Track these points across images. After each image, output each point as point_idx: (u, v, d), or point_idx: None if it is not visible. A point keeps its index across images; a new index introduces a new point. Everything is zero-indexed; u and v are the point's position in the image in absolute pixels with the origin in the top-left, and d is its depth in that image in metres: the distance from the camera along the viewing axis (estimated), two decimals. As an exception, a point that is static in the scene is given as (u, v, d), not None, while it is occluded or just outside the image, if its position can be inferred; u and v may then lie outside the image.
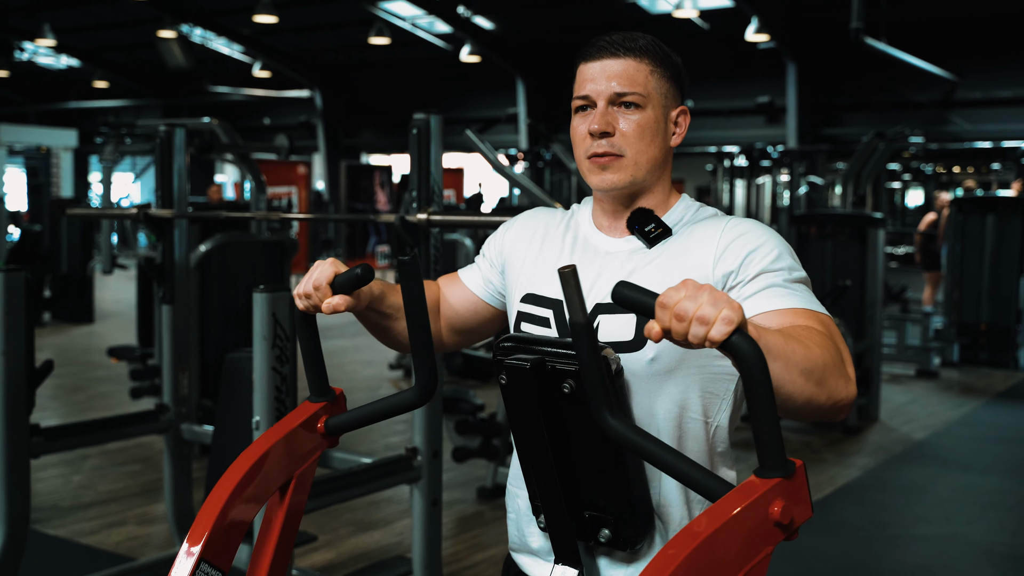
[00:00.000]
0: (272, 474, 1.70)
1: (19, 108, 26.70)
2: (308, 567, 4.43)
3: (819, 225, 8.42)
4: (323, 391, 1.78)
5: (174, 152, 4.20)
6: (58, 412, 7.58)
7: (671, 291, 1.24)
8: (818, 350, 1.38)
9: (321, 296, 1.64)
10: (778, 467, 1.28)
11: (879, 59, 14.24)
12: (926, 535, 5.16)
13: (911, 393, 8.88)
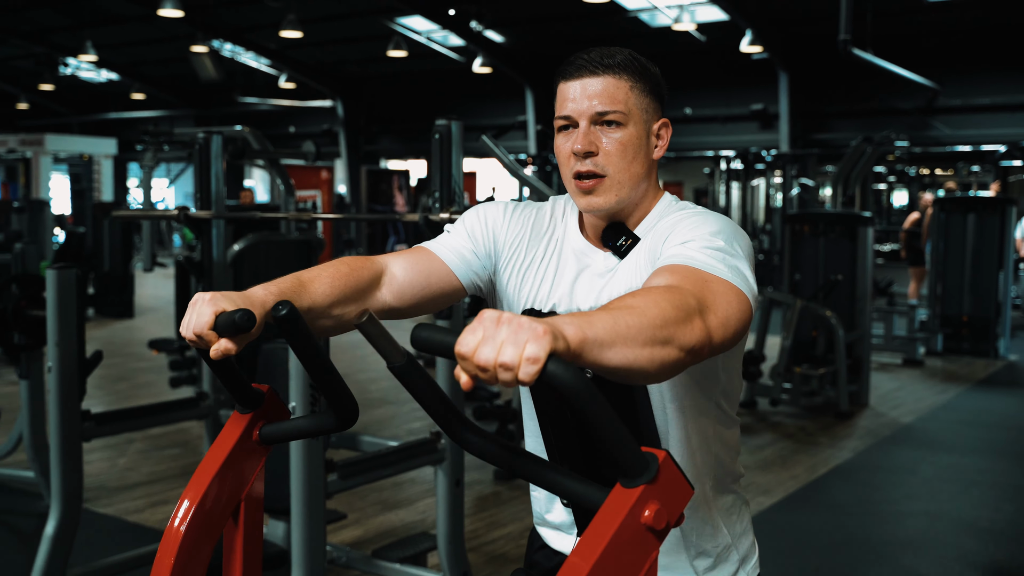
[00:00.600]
0: (221, 508, 1.54)
1: (63, 119, 26.75)
2: (339, 543, 4.43)
3: (812, 224, 8.40)
4: (249, 400, 1.58)
5: (211, 157, 4.22)
6: (103, 400, 7.59)
7: (467, 335, 1.08)
8: (655, 308, 1.22)
9: (207, 342, 1.40)
10: (639, 473, 1.16)
11: (865, 69, 14.20)
12: (913, 511, 5.15)
13: (898, 380, 8.87)
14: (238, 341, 1.41)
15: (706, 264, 1.40)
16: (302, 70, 21.80)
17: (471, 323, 1.10)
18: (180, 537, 1.49)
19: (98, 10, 18.95)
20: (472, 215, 1.78)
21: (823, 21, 14.09)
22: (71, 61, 22.98)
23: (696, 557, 1.68)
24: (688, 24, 15.93)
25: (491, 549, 4.52)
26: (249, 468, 1.59)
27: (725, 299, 1.35)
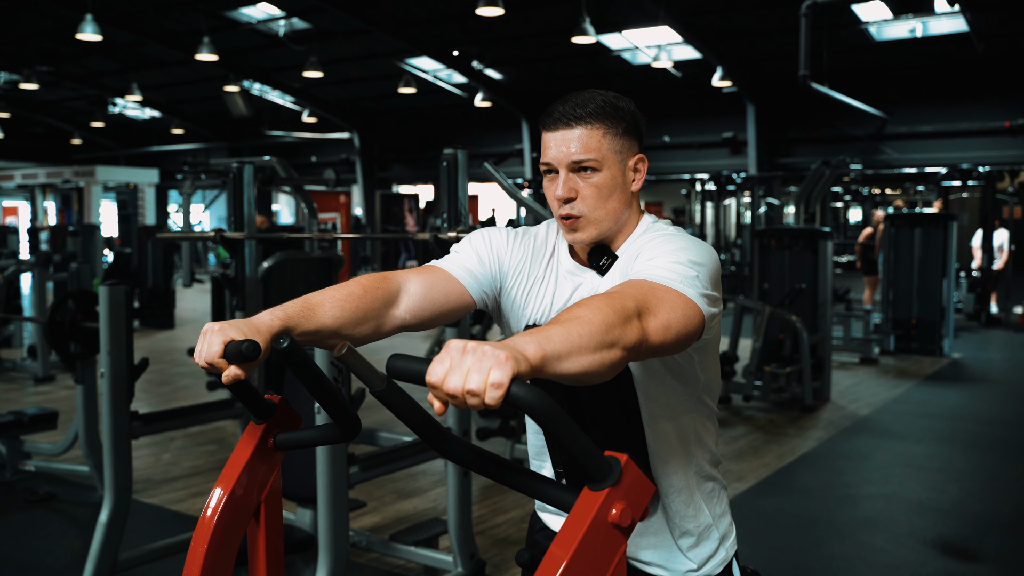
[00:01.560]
0: (240, 513, 1.54)
1: (112, 152, 26.76)
2: (360, 528, 4.42)
3: (778, 238, 8.40)
4: (263, 412, 1.57)
5: (244, 184, 4.22)
6: (149, 402, 7.58)
7: (436, 366, 1.07)
8: (599, 315, 1.21)
9: (218, 369, 1.37)
10: (603, 477, 1.15)
11: (823, 100, 14.23)
12: (870, 493, 5.14)
13: (856, 377, 8.85)
14: (246, 368, 1.38)
15: (660, 277, 1.40)
16: (322, 106, 21.84)
17: (439, 353, 1.09)
18: (211, 529, 1.49)
19: (142, 56, 19.00)
20: (478, 238, 1.76)
21: (785, 59, 14.15)
22: (119, 101, 23.01)
23: (680, 536, 1.68)
24: (666, 62, 15.99)
25: (496, 533, 4.51)
26: (267, 471, 1.57)
27: (668, 305, 1.35)
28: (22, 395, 7.89)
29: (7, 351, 9.77)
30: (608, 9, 14.10)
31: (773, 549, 4.31)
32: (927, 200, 15.86)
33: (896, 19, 14.02)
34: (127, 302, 3.60)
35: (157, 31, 17.39)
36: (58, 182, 21.98)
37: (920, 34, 14.39)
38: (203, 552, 1.48)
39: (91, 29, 12.83)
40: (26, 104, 24.14)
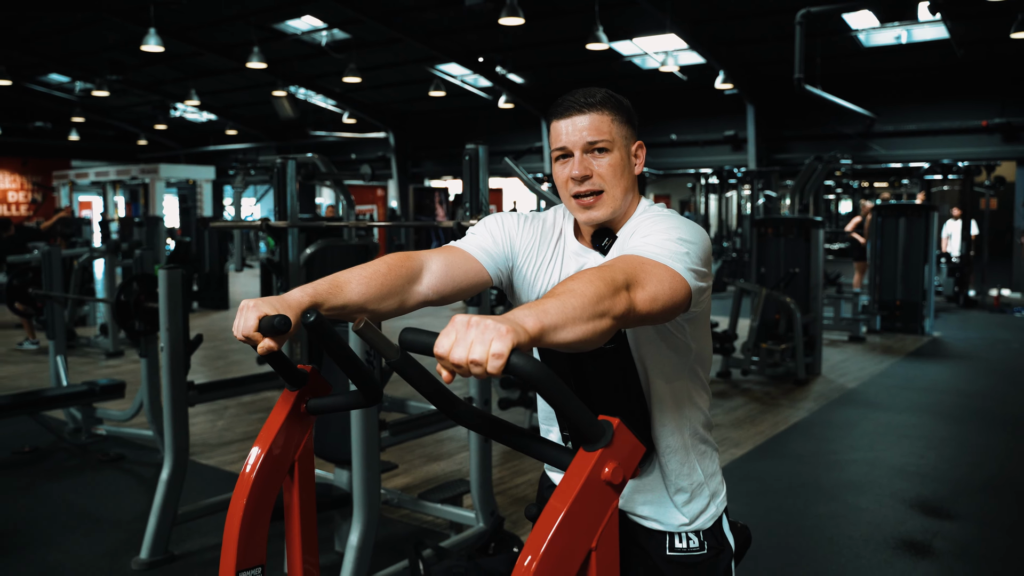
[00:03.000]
0: (277, 469, 1.56)
1: (174, 152, 26.90)
2: (392, 487, 4.44)
3: (774, 227, 8.33)
4: (295, 380, 1.59)
5: (288, 179, 4.22)
6: (204, 375, 7.65)
7: (442, 338, 1.07)
8: (591, 288, 1.20)
9: (254, 341, 1.38)
10: (596, 439, 1.16)
11: (816, 101, 14.08)
12: (855, 459, 5.10)
13: (845, 353, 8.79)
14: (278, 340, 1.39)
15: (651, 253, 1.39)
16: (361, 108, 21.83)
17: (446, 327, 1.08)
18: (250, 484, 1.52)
19: (200, 65, 19.06)
20: (492, 221, 1.76)
21: (782, 63, 14.00)
22: (179, 105, 23.11)
23: (676, 493, 1.67)
24: (672, 67, 15.86)
25: (515, 492, 4.52)
26: (299, 434, 1.58)
27: (656, 278, 1.33)
28: (95, 368, 7.98)
29: (82, 329, 9.88)
30: (619, 19, 13.99)
31: (766, 508, 4.29)
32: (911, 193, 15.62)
33: (883, 27, 13.82)
34: (183, 285, 3.62)
35: (212, 43, 17.44)
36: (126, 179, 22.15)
37: (905, 40, 14.18)
38: (243, 504, 1.51)
39: (154, 41, 12.88)
40: (99, 109, 24.31)
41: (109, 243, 8.76)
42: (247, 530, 1.50)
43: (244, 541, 1.50)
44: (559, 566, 1.11)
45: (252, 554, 1.51)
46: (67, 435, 5.38)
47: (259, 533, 1.52)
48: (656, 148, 18.96)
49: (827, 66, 14.12)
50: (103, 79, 18.51)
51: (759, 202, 15.57)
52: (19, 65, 19.85)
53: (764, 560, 3.62)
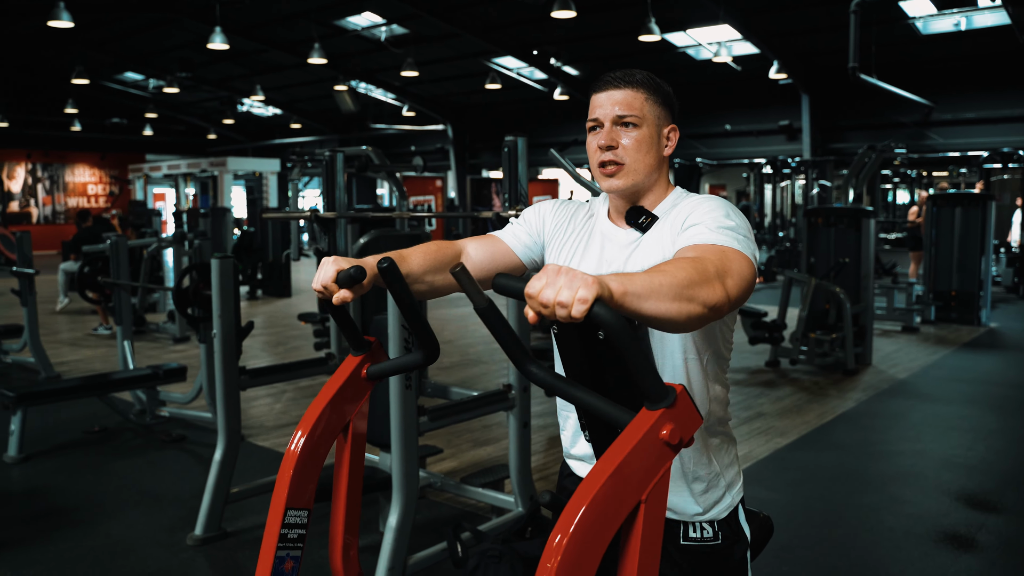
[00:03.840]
0: (330, 430, 1.64)
1: (241, 145, 27.44)
2: (438, 471, 4.48)
3: (825, 217, 8.15)
4: (360, 345, 1.68)
5: (335, 171, 4.26)
6: (265, 360, 7.79)
7: (534, 281, 1.13)
8: (682, 273, 1.26)
9: (330, 291, 1.51)
10: (661, 399, 1.20)
11: (873, 90, 13.71)
12: (902, 450, 4.97)
13: (897, 344, 8.56)
14: (354, 291, 1.51)
15: (721, 240, 1.44)
16: (420, 101, 21.96)
17: (538, 273, 1.15)
18: (311, 426, 1.61)
19: (265, 61, 19.37)
20: (531, 210, 1.86)
21: (837, 52, 13.65)
22: (246, 101, 23.54)
23: (692, 481, 1.65)
24: (726, 57, 15.61)
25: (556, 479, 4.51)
26: (357, 396, 1.69)
27: (739, 265, 1.39)
28: (163, 352, 8.19)
29: (152, 315, 10.15)
30: (672, 10, 13.81)
31: (806, 498, 4.21)
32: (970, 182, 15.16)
33: (941, 14, 13.39)
34: (234, 272, 3.68)
35: (276, 39, 17.70)
36: (197, 171, 22.70)
37: (964, 27, 13.71)
38: (299, 449, 1.60)
39: (220, 40, 13.13)
40: (170, 105, 24.90)
41: (175, 233, 8.97)
42: (299, 473, 1.58)
43: (296, 482, 1.58)
44: (609, 506, 1.17)
45: (301, 496, 1.59)
46: (133, 416, 5.53)
47: (310, 479, 1.61)
48: (710, 138, 18.69)
49: (883, 54, 13.74)
50: (173, 76, 18.95)
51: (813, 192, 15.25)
52: (98, 65, 20.43)
53: (801, 550, 3.56)
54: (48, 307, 11.09)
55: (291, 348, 8.45)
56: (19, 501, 4.21)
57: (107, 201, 26.11)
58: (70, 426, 5.47)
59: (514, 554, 3.05)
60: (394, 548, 2.96)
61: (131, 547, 3.61)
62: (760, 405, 6.05)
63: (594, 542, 1.16)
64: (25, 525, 3.86)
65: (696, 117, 18.72)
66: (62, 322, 10.16)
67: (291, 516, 1.58)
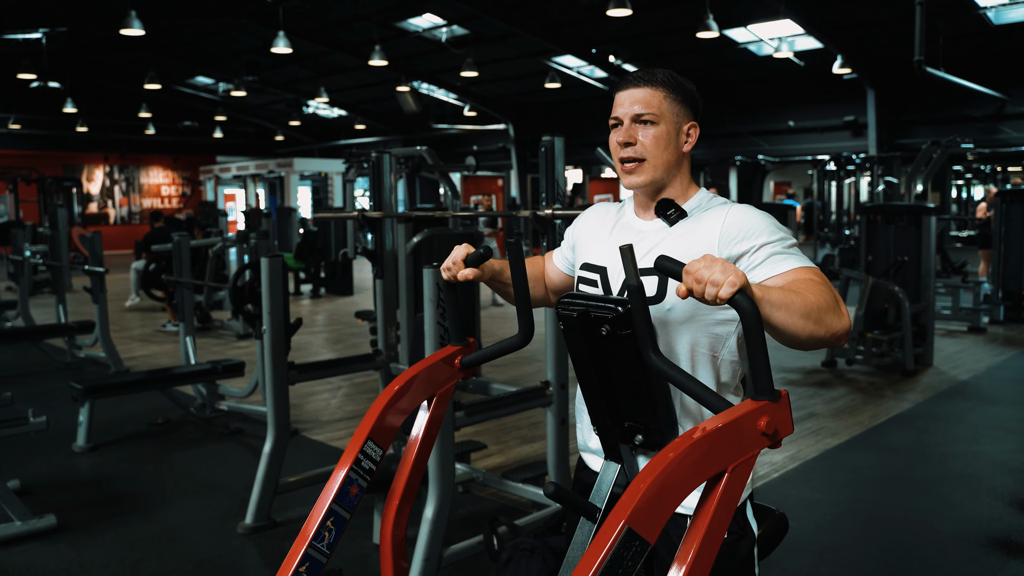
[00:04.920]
0: (420, 391, 1.81)
1: (307, 146, 27.96)
2: (482, 467, 4.54)
3: (884, 214, 7.97)
4: (460, 338, 1.87)
5: (383, 171, 4.35)
6: (327, 356, 7.96)
7: (694, 262, 1.28)
8: (813, 297, 1.39)
9: (457, 269, 1.74)
10: (767, 393, 1.32)
11: (941, 84, 13.31)
12: (956, 453, 4.86)
13: (962, 344, 8.33)
14: (482, 269, 1.77)
15: (806, 263, 1.54)
16: (480, 101, 22.08)
17: (697, 259, 1.30)
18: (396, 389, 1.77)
19: (329, 64, 19.73)
20: (574, 223, 1.98)
21: (903, 46, 13.27)
22: (311, 103, 24.00)
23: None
24: (787, 52, 15.32)
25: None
26: (445, 378, 1.86)
27: (829, 289, 1.48)
28: (226, 348, 8.45)
29: (217, 313, 10.46)
30: (733, 6, 13.63)
31: (854, 499, 4.15)
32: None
33: (1014, 3, 12.93)
34: (283, 271, 3.80)
35: (339, 42, 18.02)
36: (264, 172, 23.23)
37: (1039, 16, 13.21)
38: (392, 393, 1.76)
39: (283, 43, 13.44)
40: (238, 108, 25.54)
41: (238, 233, 9.23)
42: (385, 414, 1.73)
43: (383, 418, 1.72)
44: (698, 464, 1.27)
45: (384, 436, 1.73)
46: (194, 409, 5.74)
47: (392, 425, 1.75)
48: (773, 135, 18.39)
49: (951, 46, 13.33)
50: (241, 80, 19.44)
51: (879, 189, 14.88)
52: (170, 70, 21.10)
53: (843, 551, 3.52)
54: (121, 304, 11.52)
55: (350, 345, 8.63)
56: (85, 487, 4.42)
57: (180, 202, 26.91)
58: (136, 418, 5.70)
59: (547, 548, 3.09)
60: (430, 539, 3.03)
61: (185, 534, 3.76)
62: (812, 405, 5.97)
63: (677, 485, 1.25)
64: (89, 510, 4.05)
65: (758, 114, 18.42)
66: (133, 319, 10.55)
67: (369, 447, 1.71)
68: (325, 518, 1.63)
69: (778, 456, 4.80)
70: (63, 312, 8.16)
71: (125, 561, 3.48)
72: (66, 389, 5.32)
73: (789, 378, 6.84)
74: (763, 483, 4.36)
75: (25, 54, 17.04)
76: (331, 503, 1.64)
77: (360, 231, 12.34)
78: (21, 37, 16.66)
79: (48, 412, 4.19)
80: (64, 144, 24.07)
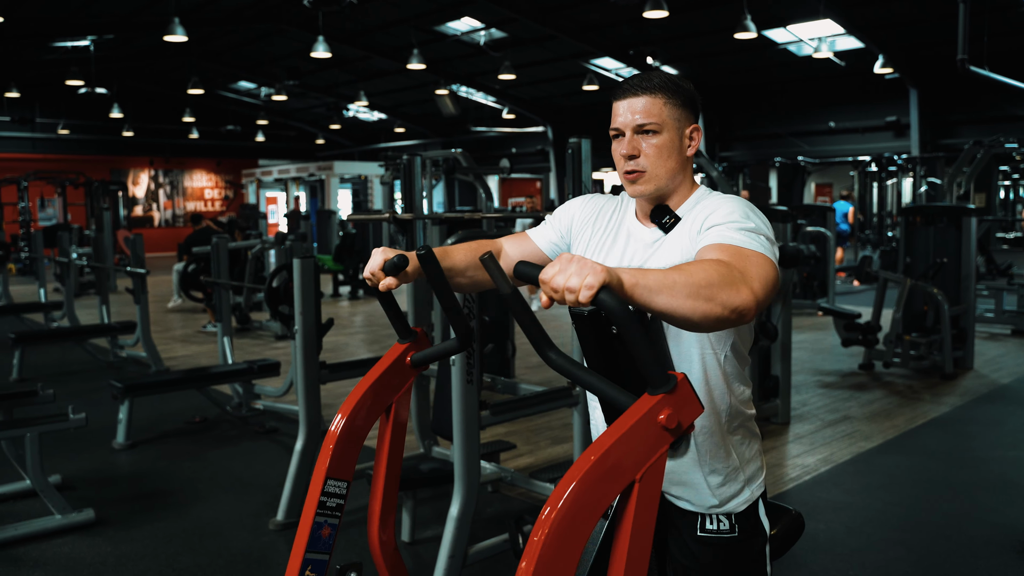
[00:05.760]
0: (375, 406, 1.75)
1: (347, 150, 28.25)
2: (512, 467, 4.55)
3: (923, 215, 7.85)
4: (406, 334, 1.80)
5: (414, 174, 4.40)
6: (364, 356, 8.03)
7: (548, 268, 1.21)
8: (701, 274, 1.28)
9: (377, 278, 1.66)
10: (661, 385, 1.26)
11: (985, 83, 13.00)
12: (994, 457, 4.77)
13: (1004, 348, 8.16)
14: (400, 278, 1.66)
15: (743, 242, 1.45)
16: (519, 103, 22.14)
17: (553, 261, 1.23)
18: (352, 407, 1.72)
19: (368, 68, 19.94)
20: (561, 208, 1.92)
21: (946, 44, 13.05)
22: (351, 106, 24.24)
23: (709, 474, 1.68)
24: (827, 52, 15.16)
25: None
26: (401, 381, 1.80)
27: (763, 269, 1.40)
28: (265, 349, 8.58)
29: (256, 314, 10.63)
30: (772, 6, 13.51)
31: (884, 503, 4.10)
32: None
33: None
34: (315, 272, 3.87)
35: (378, 46, 18.20)
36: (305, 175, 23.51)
37: (1088, 13, 12.90)
38: (342, 424, 1.73)
39: (322, 48, 13.60)
40: (280, 112, 25.91)
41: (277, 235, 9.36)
42: (341, 445, 1.70)
43: (338, 454, 1.70)
44: (604, 481, 1.23)
45: (342, 467, 1.71)
46: (230, 408, 5.84)
47: (351, 452, 1.72)
48: (814, 136, 18.17)
49: (997, 44, 13.06)
50: (282, 84, 19.71)
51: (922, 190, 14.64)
52: (213, 75, 21.48)
53: (872, 554, 3.48)
54: (164, 305, 11.75)
55: (386, 346, 8.69)
56: (123, 483, 4.53)
57: (223, 205, 27.35)
58: (174, 416, 5.82)
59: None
60: (455, 537, 3.06)
61: (219, 529, 3.84)
62: (847, 408, 5.90)
63: (585, 514, 1.22)
64: (126, 505, 4.15)
65: (798, 114, 18.22)
66: (175, 320, 10.76)
67: (331, 485, 1.69)
68: (303, 569, 1.63)
69: (811, 459, 4.76)
70: (106, 312, 8.35)
71: (160, 555, 3.56)
72: (107, 387, 5.46)
73: (825, 380, 6.76)
74: (794, 485, 4.33)
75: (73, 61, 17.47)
76: (305, 554, 1.63)
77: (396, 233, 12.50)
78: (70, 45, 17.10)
79: (89, 410, 4.31)
80: (110, 149, 24.61)
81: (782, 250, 5.24)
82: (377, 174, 23.34)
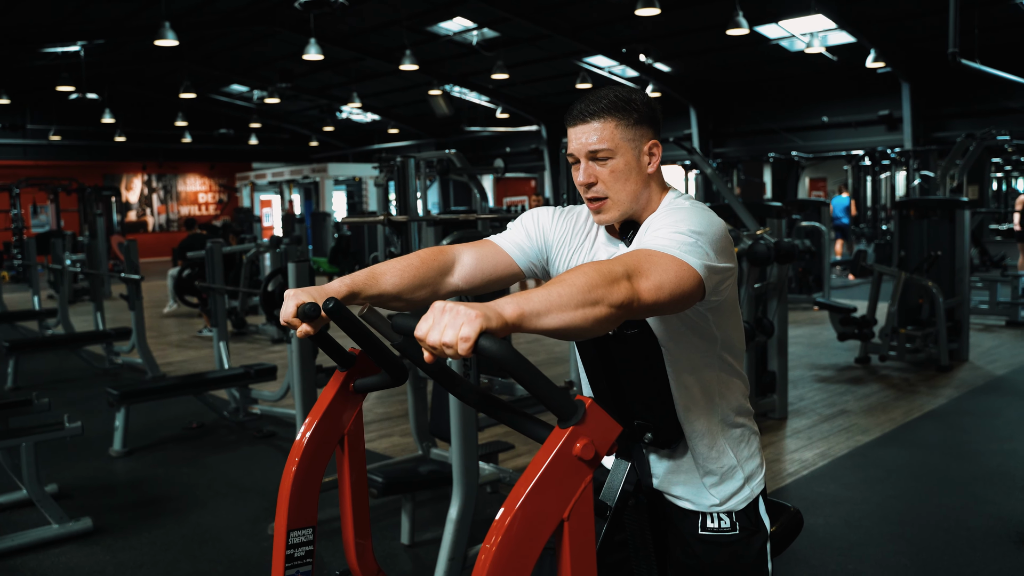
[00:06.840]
0: (325, 444, 1.66)
1: (341, 151, 28.22)
2: (511, 467, 4.55)
3: (917, 209, 7.87)
4: (345, 361, 1.67)
5: (408, 175, 4.39)
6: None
7: (421, 323, 1.12)
8: (582, 279, 1.21)
9: (294, 326, 1.48)
10: (568, 417, 1.19)
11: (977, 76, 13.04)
12: (991, 450, 4.78)
13: (999, 339, 8.19)
14: (314, 324, 1.48)
15: (659, 245, 1.39)
16: (513, 103, 22.14)
17: (426, 313, 1.14)
18: (301, 450, 1.63)
19: (361, 69, 19.93)
20: (528, 216, 1.80)
21: (937, 37, 13.10)
22: (344, 108, 24.24)
23: (705, 475, 1.68)
24: (819, 47, 15.18)
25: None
26: (349, 410, 1.68)
27: (662, 268, 1.33)
28: (260, 353, 8.56)
29: (252, 318, 10.61)
30: (764, 2, 13.53)
31: (883, 496, 4.11)
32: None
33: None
34: (309, 274, 3.86)
35: (370, 47, 18.19)
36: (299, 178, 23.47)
37: (1077, 4, 12.93)
38: (294, 470, 1.64)
39: (314, 50, 13.59)
40: (273, 115, 25.88)
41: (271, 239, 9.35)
42: (298, 494, 1.63)
43: (295, 503, 1.62)
44: (531, 528, 1.16)
45: (303, 516, 1.64)
46: (227, 413, 5.83)
47: (310, 497, 1.65)
48: (807, 131, 18.20)
49: (987, 37, 13.10)
50: (275, 87, 19.70)
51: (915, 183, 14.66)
52: (205, 79, 21.44)
53: (871, 548, 3.49)
54: (159, 311, 11.73)
55: (381, 348, 8.68)
56: (121, 491, 4.52)
57: (217, 208, 27.31)
58: (171, 422, 5.81)
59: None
60: (454, 540, 3.06)
61: (218, 535, 3.84)
62: (844, 402, 5.91)
63: (518, 562, 1.15)
64: (124, 512, 4.14)
65: (791, 110, 18.25)
66: (171, 325, 10.74)
67: (295, 537, 1.61)
68: None
69: (808, 454, 4.77)
70: (101, 319, 8.33)
71: (159, 562, 3.55)
72: (103, 395, 5.45)
73: (821, 375, 6.77)
74: (792, 480, 4.33)
75: (64, 67, 17.43)
76: None
77: (391, 235, 12.49)
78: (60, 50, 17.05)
79: (85, 417, 4.30)
80: (103, 154, 24.57)
81: (777, 246, 5.25)
82: (371, 176, 23.34)
